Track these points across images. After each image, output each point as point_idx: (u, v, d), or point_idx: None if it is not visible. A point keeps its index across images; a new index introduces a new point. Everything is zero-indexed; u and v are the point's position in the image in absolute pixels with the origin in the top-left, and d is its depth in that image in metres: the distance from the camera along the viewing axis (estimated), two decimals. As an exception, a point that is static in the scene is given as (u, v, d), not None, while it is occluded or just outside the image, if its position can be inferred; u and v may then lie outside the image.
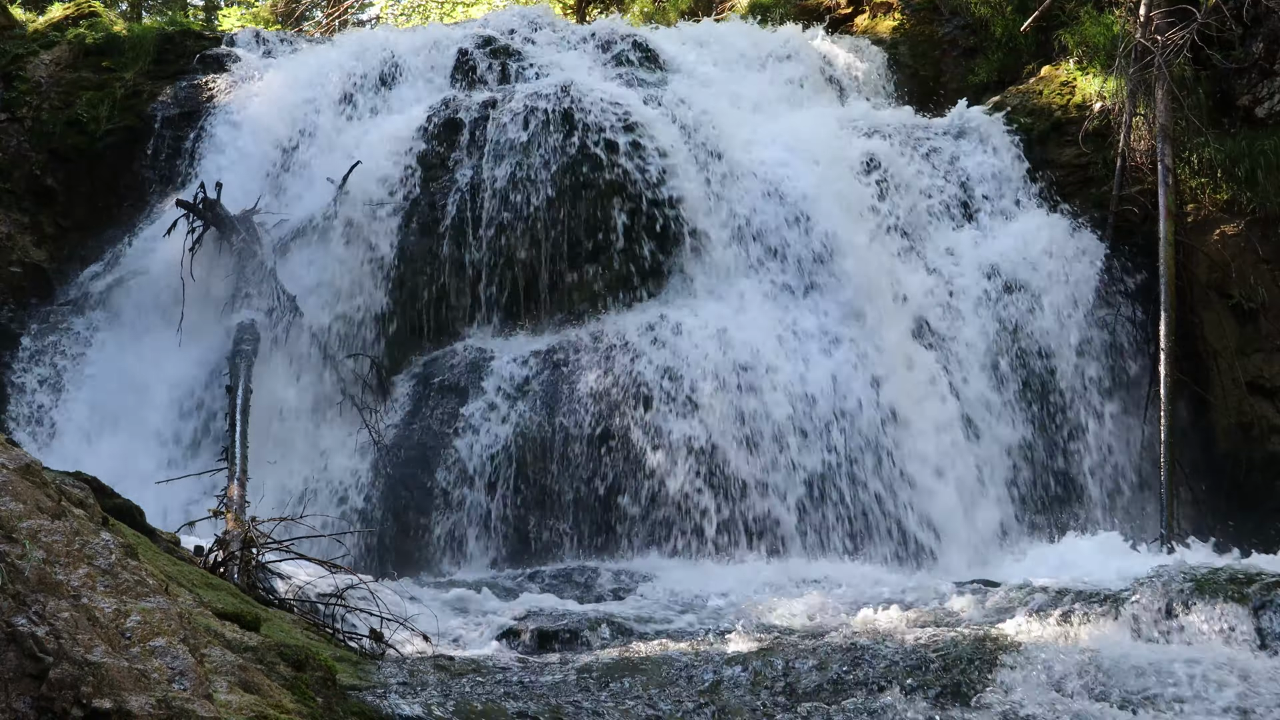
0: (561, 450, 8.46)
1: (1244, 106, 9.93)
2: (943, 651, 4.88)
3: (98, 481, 4.95)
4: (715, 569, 7.73)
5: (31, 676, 2.37)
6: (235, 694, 2.74)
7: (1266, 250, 9.42)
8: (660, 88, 10.82)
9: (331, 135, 10.54)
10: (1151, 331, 9.32)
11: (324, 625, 5.16)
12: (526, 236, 9.53)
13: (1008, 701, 4.45)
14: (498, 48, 11.43)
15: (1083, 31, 10.90)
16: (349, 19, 20.91)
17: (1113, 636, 5.19)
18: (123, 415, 9.33)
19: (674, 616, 6.29)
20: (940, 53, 12.49)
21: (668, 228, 9.50)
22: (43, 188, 10.80)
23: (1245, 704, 4.51)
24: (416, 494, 8.52)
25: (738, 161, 9.98)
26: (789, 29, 12.60)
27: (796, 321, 9.06)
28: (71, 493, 3.31)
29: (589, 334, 9.18)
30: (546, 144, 9.71)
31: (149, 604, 2.71)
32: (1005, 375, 9.19)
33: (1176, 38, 9.59)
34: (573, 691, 4.38)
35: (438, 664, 4.65)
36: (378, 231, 9.68)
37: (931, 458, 8.54)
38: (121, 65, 11.43)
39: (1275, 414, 9.12)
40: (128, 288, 9.98)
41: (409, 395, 9.17)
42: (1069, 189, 10.30)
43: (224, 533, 6.06)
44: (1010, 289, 9.53)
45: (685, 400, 8.49)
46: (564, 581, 7.37)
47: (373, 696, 3.83)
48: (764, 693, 4.51)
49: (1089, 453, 9.08)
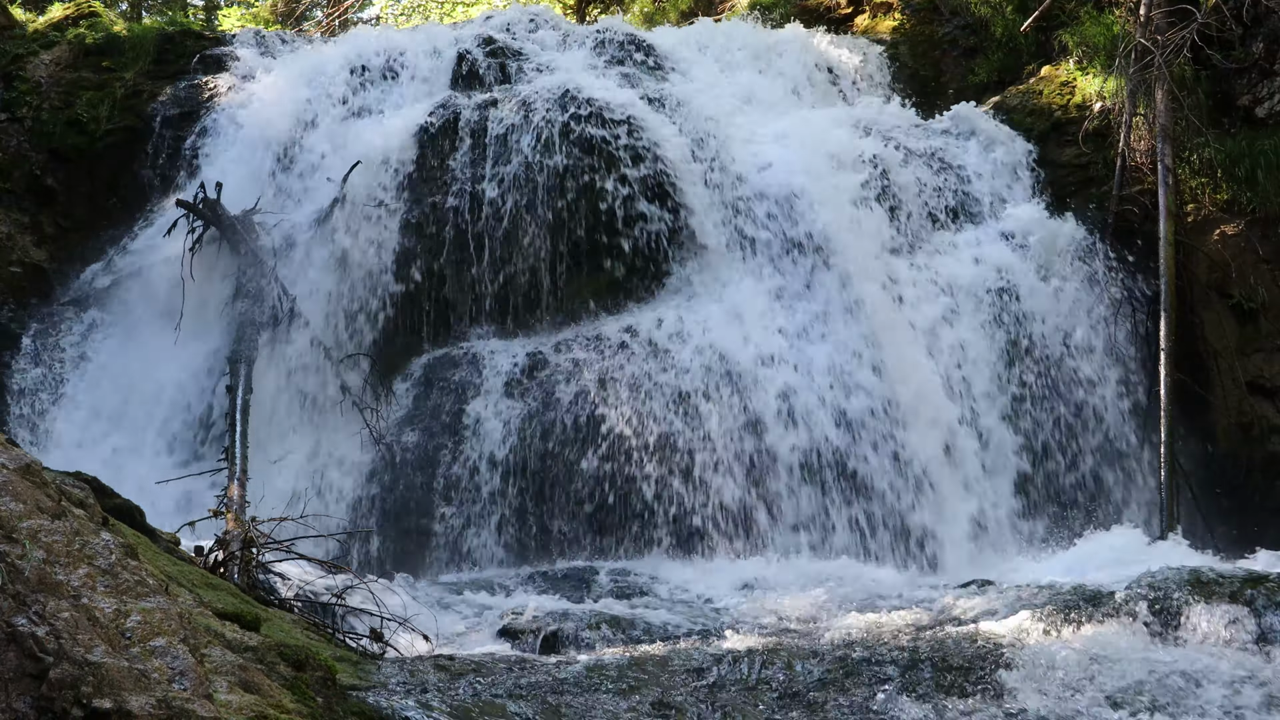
0: (562, 450, 8.46)
1: (1244, 106, 9.93)
2: (943, 651, 4.88)
3: (98, 481, 4.95)
4: (715, 568, 7.73)
5: (32, 676, 2.37)
6: (235, 694, 2.74)
7: (1266, 250, 9.42)
8: (660, 87, 10.81)
9: (331, 135, 10.54)
10: (1151, 331, 9.32)
11: (324, 625, 5.17)
12: (526, 237, 9.54)
13: (1008, 701, 4.46)
14: (498, 47, 11.43)
15: (1083, 31, 10.90)
16: (349, 19, 20.92)
17: (1113, 636, 5.19)
18: (123, 415, 9.33)
19: (674, 616, 6.30)
20: (940, 53, 12.49)
21: (667, 228, 9.50)
22: (43, 188, 10.80)
23: (1245, 704, 4.52)
24: (417, 494, 8.52)
25: (737, 161, 9.98)
26: (789, 29, 12.61)
27: (795, 321, 9.06)
28: (71, 493, 3.31)
29: (589, 334, 9.18)
30: (546, 144, 9.72)
31: (149, 604, 2.71)
32: (1005, 375, 9.19)
33: (1176, 38, 9.59)
34: (573, 692, 4.38)
35: (438, 664, 4.65)
36: (378, 231, 9.68)
37: (932, 457, 8.54)
38: (121, 65, 11.43)
39: (1275, 414, 9.12)
40: (128, 288, 9.99)
41: (409, 395, 9.18)
42: (1069, 189, 10.30)
43: (224, 533, 6.07)
44: (1010, 289, 9.52)
45: (685, 400, 8.49)
46: (564, 581, 7.38)
47: (373, 696, 3.83)
48: (764, 692, 4.51)
49: (1089, 452, 9.08)
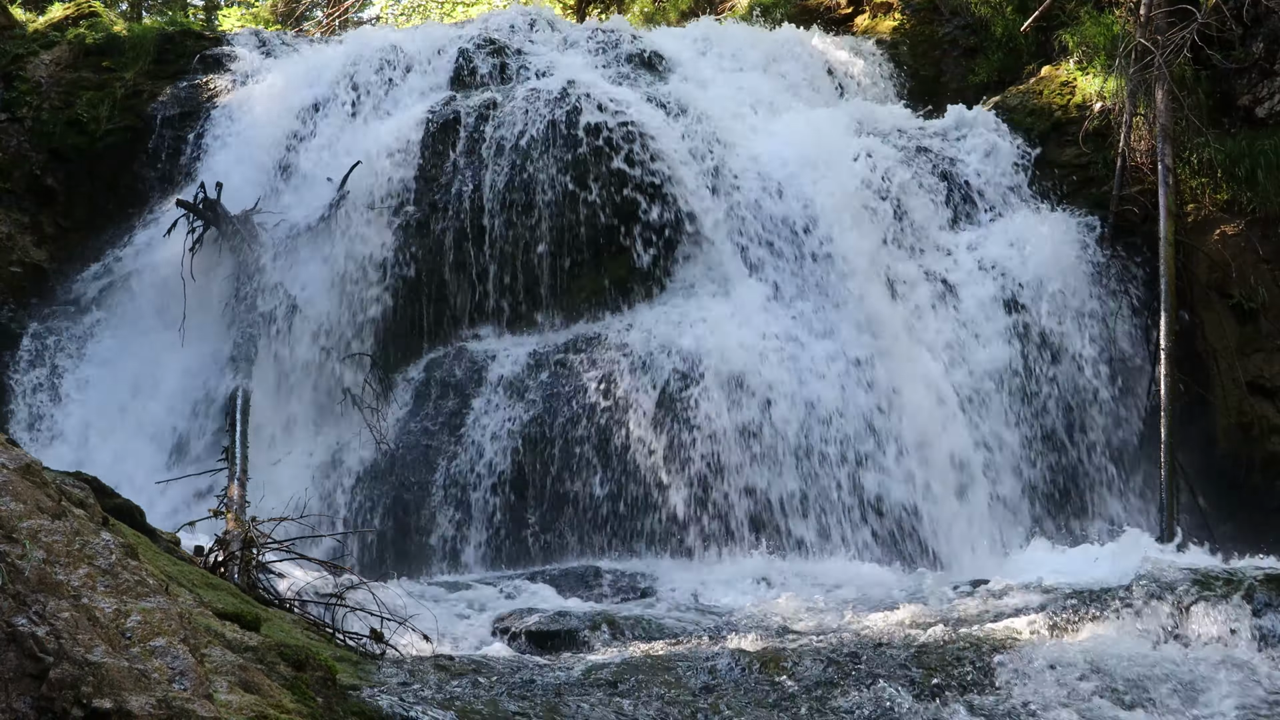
0: (562, 450, 8.46)
1: (1244, 106, 9.92)
2: (944, 651, 4.88)
3: (98, 481, 4.95)
4: (716, 569, 7.72)
5: (32, 676, 2.37)
6: (235, 694, 2.74)
7: (1266, 250, 9.41)
8: (660, 87, 10.82)
9: (332, 135, 10.54)
10: (1152, 332, 9.32)
11: (324, 625, 5.16)
12: (526, 237, 9.54)
13: (1009, 701, 4.46)
14: (498, 47, 11.43)
15: (1083, 31, 10.89)
16: (349, 19, 20.92)
17: (1113, 636, 5.19)
18: (123, 415, 9.34)
19: (674, 617, 6.29)
20: (940, 53, 12.49)
21: (667, 228, 9.50)
22: (43, 188, 10.80)
23: (1245, 704, 4.52)
24: (417, 494, 8.52)
25: (738, 161, 9.98)
26: (789, 29, 12.61)
27: (797, 321, 9.06)
28: (72, 493, 3.31)
29: (589, 334, 9.18)
30: (546, 144, 9.72)
31: (149, 604, 2.71)
32: (1006, 375, 9.19)
33: (1176, 38, 9.59)
34: (573, 692, 4.38)
35: (438, 664, 4.65)
36: (378, 231, 9.68)
37: (932, 457, 8.54)
38: (121, 65, 11.43)
39: (1275, 414, 9.11)
40: (128, 287, 9.99)
41: (410, 395, 9.18)
42: (1069, 189, 10.30)
43: (224, 533, 6.07)
44: (1010, 289, 9.52)
45: (686, 401, 8.49)
46: (564, 582, 7.37)
47: (373, 696, 3.82)
48: (764, 693, 4.51)
49: (1089, 452, 9.08)
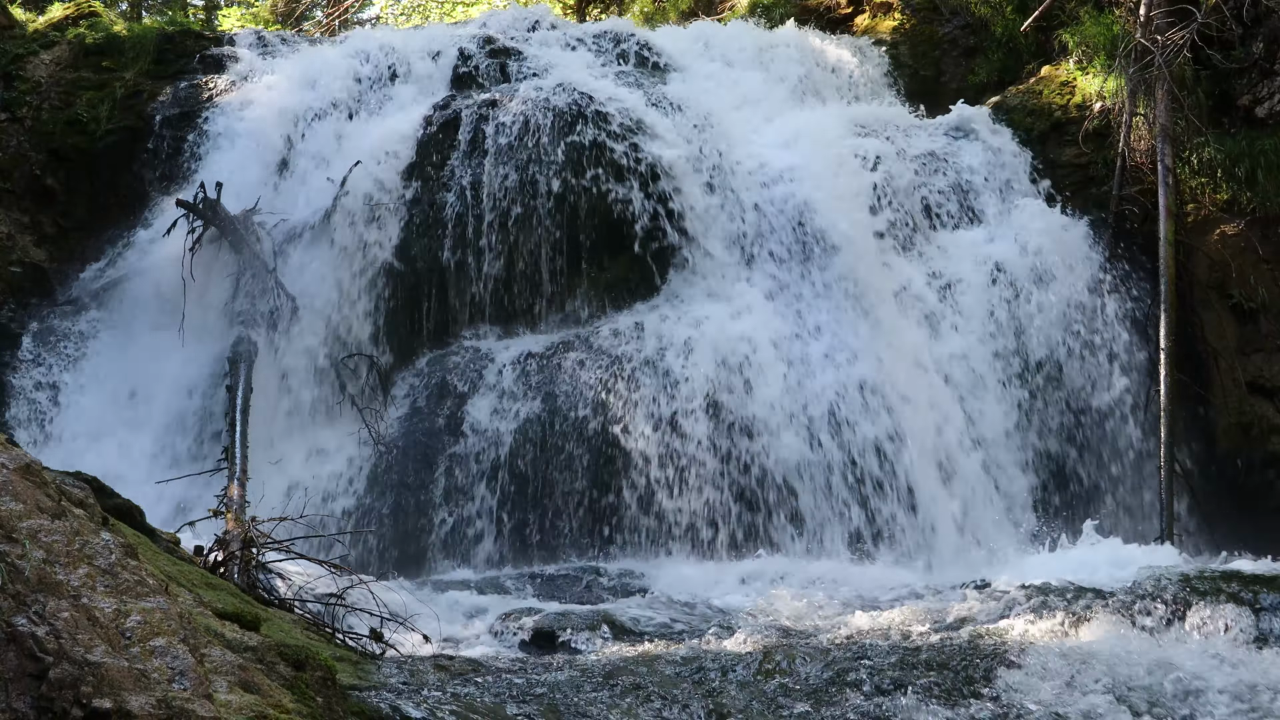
0: (561, 450, 8.46)
1: (1244, 106, 9.92)
2: (944, 651, 4.88)
3: (98, 481, 4.94)
4: (715, 569, 7.73)
5: (31, 676, 2.37)
6: (235, 694, 2.74)
7: (1266, 250, 9.41)
8: (660, 88, 10.81)
9: (332, 135, 10.54)
10: (1152, 332, 9.32)
11: (324, 625, 5.16)
12: (526, 237, 9.54)
13: (1009, 701, 4.46)
14: (498, 47, 11.44)
15: (1083, 31, 10.89)
16: (349, 19, 20.92)
17: (1113, 636, 5.19)
18: (123, 415, 9.33)
19: (674, 616, 6.29)
20: (940, 52, 12.49)
21: (667, 228, 9.50)
22: (43, 188, 10.80)
23: (1245, 704, 4.51)
24: (416, 494, 8.52)
25: (738, 161, 9.99)
26: (789, 29, 12.61)
27: (796, 321, 9.06)
28: (71, 493, 3.31)
29: (589, 334, 9.18)
30: (546, 144, 9.72)
31: (149, 604, 2.71)
32: (1006, 374, 9.19)
33: (1176, 38, 9.58)
34: (573, 692, 4.38)
35: (438, 664, 4.65)
36: (378, 231, 9.68)
37: (933, 457, 8.54)
38: (121, 65, 11.43)
39: (1275, 414, 9.12)
40: (128, 288, 9.98)
41: (409, 395, 9.18)
42: (1069, 189, 10.30)
43: (224, 533, 6.07)
44: (1010, 288, 9.52)
45: (686, 401, 8.49)
46: (564, 581, 7.37)
47: (373, 696, 3.82)
48: (764, 693, 4.51)
49: (1089, 453, 9.08)
